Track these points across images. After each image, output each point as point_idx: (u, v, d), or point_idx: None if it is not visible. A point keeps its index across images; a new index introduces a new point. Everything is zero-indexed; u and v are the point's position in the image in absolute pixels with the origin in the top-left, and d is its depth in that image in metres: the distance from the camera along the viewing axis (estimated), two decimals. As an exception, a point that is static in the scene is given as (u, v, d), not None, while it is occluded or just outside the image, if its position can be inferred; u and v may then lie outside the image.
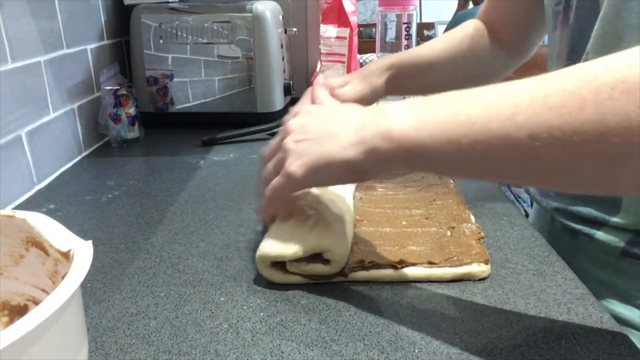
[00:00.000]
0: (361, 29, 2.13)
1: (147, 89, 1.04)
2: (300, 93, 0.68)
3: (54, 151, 0.83)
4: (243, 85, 1.03)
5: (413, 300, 0.47)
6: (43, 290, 0.39)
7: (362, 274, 0.49)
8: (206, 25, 1.00)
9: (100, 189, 0.76)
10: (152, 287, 0.50)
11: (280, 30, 1.06)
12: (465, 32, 0.71)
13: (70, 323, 0.32)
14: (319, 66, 1.18)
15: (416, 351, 0.40)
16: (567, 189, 0.66)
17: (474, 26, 0.71)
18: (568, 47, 0.55)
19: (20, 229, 0.38)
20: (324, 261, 0.49)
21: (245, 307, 0.46)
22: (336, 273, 0.49)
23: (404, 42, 0.87)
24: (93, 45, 0.97)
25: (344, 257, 0.49)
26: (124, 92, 0.94)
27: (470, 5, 2.97)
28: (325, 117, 0.46)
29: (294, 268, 0.49)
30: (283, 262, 0.49)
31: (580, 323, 0.43)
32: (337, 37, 1.15)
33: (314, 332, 0.43)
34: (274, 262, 0.49)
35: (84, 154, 0.93)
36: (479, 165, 0.35)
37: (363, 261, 0.50)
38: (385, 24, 0.88)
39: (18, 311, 0.40)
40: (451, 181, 0.68)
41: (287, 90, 1.07)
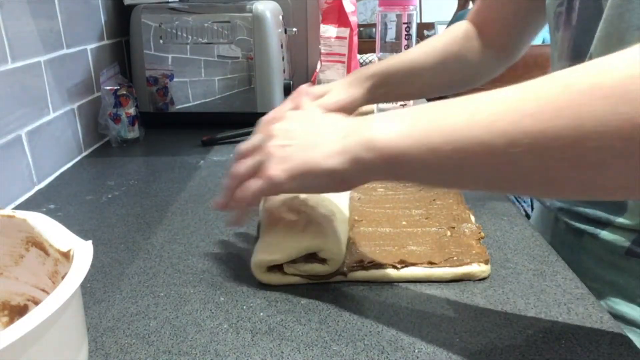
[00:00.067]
0: (361, 29, 2.13)
1: (147, 89, 1.04)
2: (300, 93, 0.69)
3: (54, 151, 0.83)
4: (243, 85, 1.03)
5: (413, 300, 0.47)
6: (43, 290, 0.39)
7: (362, 274, 0.49)
8: (206, 25, 1.00)
9: (100, 189, 0.76)
10: (152, 287, 0.50)
11: (280, 30, 1.06)
12: (453, 35, 0.70)
13: (70, 323, 0.32)
14: (319, 66, 1.18)
15: (416, 351, 0.40)
16: (549, 195, 0.66)
17: (464, 29, 0.70)
18: (570, 49, 0.55)
19: (20, 229, 0.38)
20: (321, 260, 0.49)
21: (245, 307, 0.46)
22: (335, 273, 0.49)
23: (404, 42, 0.87)
24: (93, 45, 0.97)
25: (339, 255, 0.49)
26: (124, 92, 0.94)
27: (470, 5, 2.97)
28: (309, 125, 0.46)
29: (292, 269, 0.49)
30: (280, 265, 0.49)
31: (580, 323, 0.43)
32: (337, 37, 1.15)
33: (314, 332, 0.43)
34: (271, 266, 0.49)
35: (84, 154, 0.93)
36: (461, 173, 0.36)
37: (363, 261, 0.50)
38: (385, 24, 0.88)
39: (18, 311, 0.40)
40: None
41: (287, 90, 1.07)
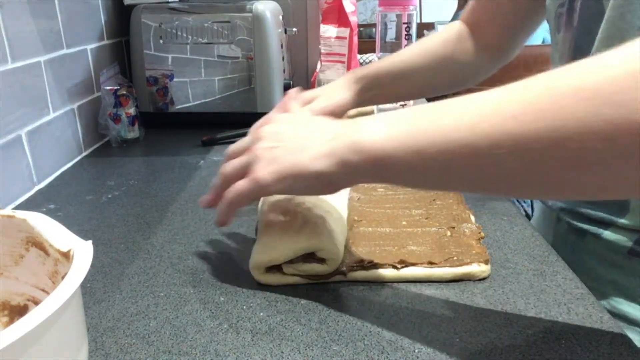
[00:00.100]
0: (361, 29, 2.13)
1: (147, 89, 1.04)
2: (300, 93, 0.69)
3: (54, 151, 0.83)
4: (243, 85, 1.03)
5: (413, 300, 0.47)
6: (43, 290, 0.39)
7: (362, 274, 0.49)
8: (206, 25, 1.00)
9: (100, 189, 0.76)
10: (152, 287, 0.50)
11: (280, 30, 1.06)
12: (446, 36, 0.69)
13: (70, 323, 0.32)
14: (319, 66, 1.18)
15: (416, 351, 0.40)
16: (533, 196, 0.66)
17: (457, 29, 0.69)
18: (572, 50, 0.55)
19: (20, 229, 0.38)
20: (320, 260, 0.49)
21: (245, 307, 0.46)
22: (335, 273, 0.49)
23: (404, 42, 0.87)
24: (93, 45, 0.97)
25: (337, 254, 0.49)
26: (124, 92, 0.94)
27: (470, 5, 2.97)
28: (298, 128, 0.46)
29: (291, 269, 0.49)
30: (279, 265, 0.49)
31: (580, 323, 0.43)
32: (337, 37, 1.15)
33: (314, 332, 0.43)
34: (270, 267, 0.49)
35: (84, 154, 0.93)
36: (447, 175, 0.36)
37: (363, 261, 0.50)
38: (385, 24, 0.88)
39: (18, 311, 0.40)
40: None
41: (287, 90, 1.07)
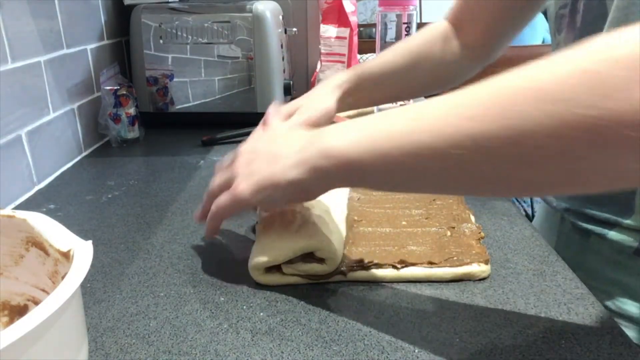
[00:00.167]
0: (361, 29, 2.13)
1: (147, 89, 1.04)
2: (300, 93, 0.68)
3: (54, 151, 0.83)
4: (243, 85, 1.03)
5: (413, 300, 0.47)
6: (43, 290, 0.39)
7: (362, 274, 0.49)
8: (206, 25, 1.00)
9: (100, 189, 0.76)
10: (152, 287, 0.50)
11: (280, 30, 1.06)
12: (429, 36, 0.68)
13: (70, 323, 0.32)
14: (319, 66, 1.18)
15: (416, 351, 0.40)
16: (497, 195, 0.66)
17: (442, 29, 0.68)
18: None
19: (20, 229, 0.38)
20: (319, 260, 0.49)
21: (245, 307, 0.46)
22: (335, 272, 0.49)
23: (404, 42, 0.87)
24: (93, 45, 0.97)
25: (337, 254, 0.49)
26: (124, 92, 0.94)
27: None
28: (272, 141, 0.48)
29: (291, 269, 0.49)
30: (279, 265, 0.49)
31: (580, 323, 0.43)
32: (337, 37, 1.15)
33: (314, 332, 0.43)
34: (269, 267, 0.49)
35: (84, 154, 0.93)
36: (413, 177, 0.37)
37: (363, 261, 0.50)
38: (385, 24, 0.88)
39: (18, 311, 0.40)
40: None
41: (287, 90, 1.07)
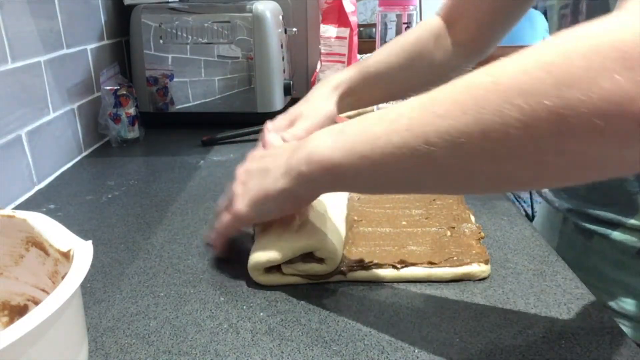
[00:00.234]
0: (361, 29, 2.13)
1: (147, 89, 1.04)
2: (300, 93, 0.68)
3: (54, 151, 0.83)
4: (243, 85, 1.03)
5: (413, 300, 0.47)
6: (43, 290, 0.39)
7: (362, 274, 0.49)
8: (206, 25, 1.00)
9: (100, 189, 0.76)
10: (152, 287, 0.50)
11: (280, 30, 1.06)
12: (421, 33, 0.67)
13: (70, 323, 0.32)
14: (319, 66, 1.18)
15: (416, 351, 0.40)
16: (475, 192, 0.66)
17: (435, 26, 0.67)
18: None
19: (20, 229, 0.38)
20: (319, 260, 0.49)
21: (245, 307, 0.46)
22: (335, 272, 0.49)
23: (404, 42, 0.87)
24: (93, 45, 0.97)
25: (336, 254, 0.49)
26: (124, 92, 0.94)
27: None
28: (264, 158, 0.50)
29: (290, 270, 0.49)
30: (279, 265, 0.49)
31: (580, 323, 0.43)
32: (337, 37, 1.15)
33: (314, 332, 0.43)
34: (269, 267, 0.49)
35: (84, 154, 0.93)
36: (393, 177, 0.38)
37: (363, 261, 0.50)
38: (385, 24, 0.88)
39: (18, 311, 0.40)
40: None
41: (287, 90, 1.07)
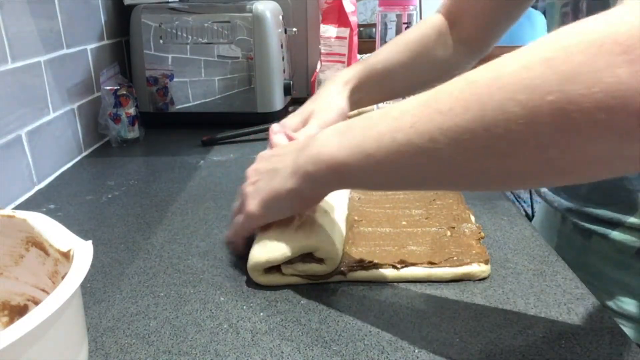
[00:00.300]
0: (361, 29, 2.13)
1: (147, 89, 1.04)
2: (300, 93, 0.68)
3: (54, 151, 0.83)
4: (243, 85, 1.03)
5: (413, 300, 0.47)
6: (43, 290, 0.39)
7: (362, 274, 0.49)
8: (206, 25, 1.00)
9: (100, 189, 0.76)
10: (152, 287, 0.50)
11: (280, 30, 1.06)
12: (424, 30, 0.67)
13: (70, 323, 0.32)
14: (319, 66, 1.18)
15: (416, 351, 0.40)
16: (478, 189, 0.66)
17: (437, 23, 0.67)
18: None
19: (20, 229, 0.38)
20: (318, 260, 0.49)
21: (245, 307, 0.46)
22: (335, 273, 0.49)
23: (404, 42, 0.87)
24: (93, 45, 0.97)
25: (336, 254, 0.49)
26: (124, 92, 0.94)
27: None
28: (273, 158, 0.50)
29: (290, 270, 0.49)
30: (278, 265, 0.49)
31: (580, 323, 0.43)
32: (337, 37, 1.15)
33: (314, 332, 0.43)
34: (268, 268, 0.49)
35: (84, 154, 0.93)
36: (398, 174, 0.38)
37: (363, 261, 0.50)
38: (385, 24, 0.88)
39: (18, 311, 0.40)
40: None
41: (287, 90, 1.07)
